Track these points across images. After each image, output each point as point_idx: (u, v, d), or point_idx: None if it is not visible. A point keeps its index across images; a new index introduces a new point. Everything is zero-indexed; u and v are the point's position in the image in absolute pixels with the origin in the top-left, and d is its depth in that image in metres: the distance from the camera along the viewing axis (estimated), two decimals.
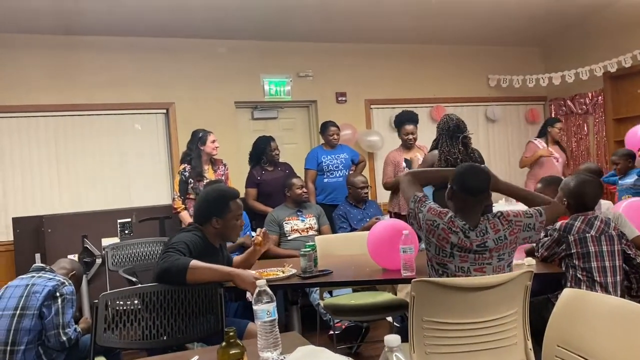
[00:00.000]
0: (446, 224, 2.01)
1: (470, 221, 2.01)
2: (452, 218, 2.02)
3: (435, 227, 2.02)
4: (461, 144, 3.25)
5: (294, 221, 3.80)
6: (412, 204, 2.11)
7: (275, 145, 4.27)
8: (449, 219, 2.02)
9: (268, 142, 4.23)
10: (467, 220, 2.01)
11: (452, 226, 2.00)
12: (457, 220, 2.02)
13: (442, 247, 2.00)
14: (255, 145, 4.29)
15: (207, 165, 4.06)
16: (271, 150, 4.23)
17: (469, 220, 2.01)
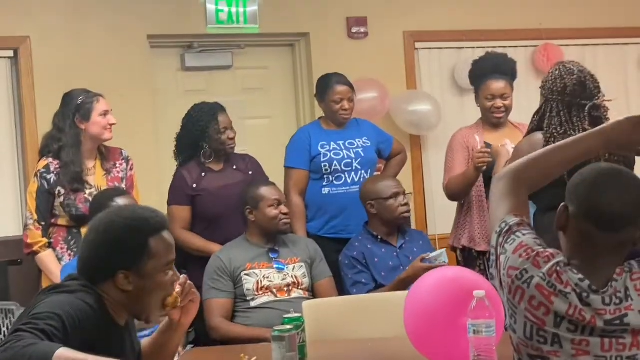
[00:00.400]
0: (546, 276, 2.01)
1: (596, 276, 2.01)
2: (558, 267, 2.02)
3: (523, 283, 2.02)
4: (588, 120, 3.27)
5: (264, 270, 3.84)
6: (495, 237, 2.14)
7: (227, 122, 4.31)
8: (553, 268, 2.02)
9: (213, 116, 4.27)
10: (589, 274, 2.01)
11: (558, 282, 2.01)
12: (568, 271, 2.02)
13: (538, 323, 2.01)
14: (189, 122, 4.33)
15: (93, 159, 4.09)
16: (219, 131, 4.26)
17: (592, 274, 2.01)
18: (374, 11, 5.68)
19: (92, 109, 4.00)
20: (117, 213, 2.32)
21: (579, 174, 2.08)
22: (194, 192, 4.23)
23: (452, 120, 5.57)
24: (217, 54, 5.52)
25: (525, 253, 2.05)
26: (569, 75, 3.32)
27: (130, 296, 2.25)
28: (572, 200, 2.05)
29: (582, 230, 2.03)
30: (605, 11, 6.14)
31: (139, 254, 2.23)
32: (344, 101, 4.52)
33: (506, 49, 5.68)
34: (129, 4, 5.21)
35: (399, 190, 4.06)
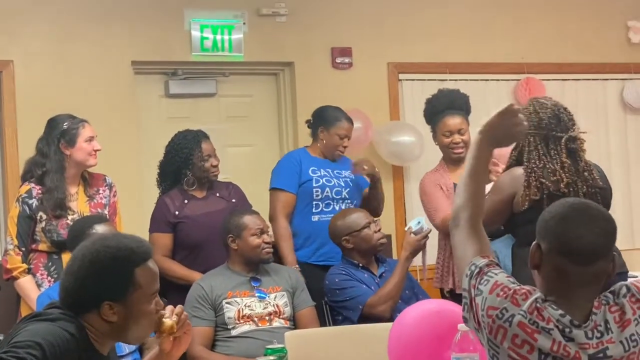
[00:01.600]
0: (527, 314, 2.01)
1: (575, 310, 2.02)
2: (537, 303, 2.03)
3: (505, 322, 2.01)
4: (565, 152, 3.30)
5: (245, 299, 3.82)
6: (466, 280, 2.13)
7: (210, 149, 4.31)
8: (533, 305, 2.02)
9: (196, 143, 4.26)
10: (569, 309, 2.01)
11: (539, 318, 2.00)
12: (548, 307, 2.02)
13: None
14: (172, 149, 4.32)
15: (76, 185, 4.07)
16: (202, 159, 4.26)
17: (571, 309, 2.02)
18: (359, 42, 5.72)
19: (78, 135, 3.99)
20: (103, 243, 2.28)
21: (548, 211, 2.10)
22: (176, 219, 4.22)
23: (435, 152, 5.52)
24: (202, 81, 5.52)
25: (502, 292, 2.05)
26: (543, 109, 3.34)
27: (114, 326, 2.22)
28: (543, 237, 2.06)
29: (556, 265, 2.04)
30: (586, 47, 6.22)
31: (125, 285, 2.21)
32: (345, 138, 4.57)
33: (488, 82, 5.76)
34: (113, 30, 5.21)
35: (369, 219, 4.07)
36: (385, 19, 5.79)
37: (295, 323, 3.87)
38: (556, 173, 3.23)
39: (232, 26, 5.45)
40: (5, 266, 3.96)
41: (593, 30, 6.25)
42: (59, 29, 5.11)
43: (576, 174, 3.26)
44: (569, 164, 3.26)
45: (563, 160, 3.25)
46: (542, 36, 6.12)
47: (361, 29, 5.73)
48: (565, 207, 2.07)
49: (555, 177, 3.23)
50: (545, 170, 3.24)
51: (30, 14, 5.05)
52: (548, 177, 3.23)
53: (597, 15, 6.29)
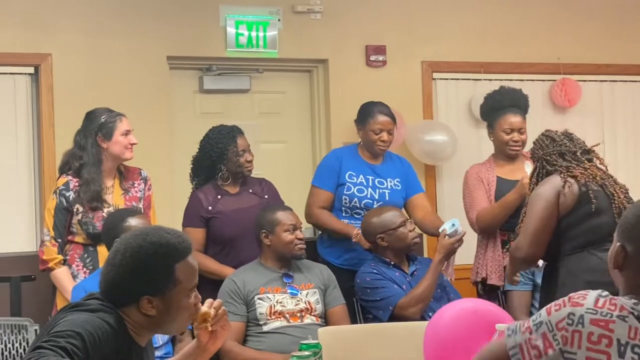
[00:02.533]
0: (595, 309, 2.01)
1: None
2: (603, 296, 2.04)
3: (578, 325, 2.00)
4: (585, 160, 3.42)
5: (277, 295, 3.84)
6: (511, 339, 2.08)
7: (245, 145, 4.33)
8: (598, 299, 2.03)
9: (232, 138, 4.28)
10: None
11: (611, 308, 2.01)
12: (621, 298, 2.04)
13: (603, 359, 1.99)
14: (207, 144, 4.35)
15: (112, 178, 4.11)
16: (237, 154, 4.28)
17: None
18: (393, 40, 5.70)
19: (115, 128, 4.03)
20: (144, 237, 2.28)
21: (633, 214, 2.09)
22: (209, 214, 4.24)
23: (468, 152, 5.58)
24: (236, 77, 5.53)
25: (556, 306, 2.05)
26: (553, 133, 3.48)
27: (153, 320, 2.24)
28: (629, 239, 2.06)
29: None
30: (623, 48, 6.16)
31: (165, 280, 2.22)
32: (383, 132, 4.51)
33: (523, 82, 5.72)
34: (149, 25, 5.24)
35: (404, 217, 4.09)
36: (420, 17, 5.77)
37: (327, 320, 3.88)
38: (587, 170, 3.33)
39: (267, 22, 5.45)
40: (42, 257, 4.00)
41: (630, 31, 6.19)
42: (96, 23, 5.15)
43: (603, 173, 3.37)
44: (598, 170, 3.36)
45: (586, 165, 3.36)
46: (579, 36, 6.07)
47: (395, 27, 5.71)
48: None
49: (588, 171, 3.32)
50: (577, 170, 3.33)
51: (67, 8, 5.09)
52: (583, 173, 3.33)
53: (635, 16, 6.23)
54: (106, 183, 4.06)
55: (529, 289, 3.97)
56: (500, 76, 5.75)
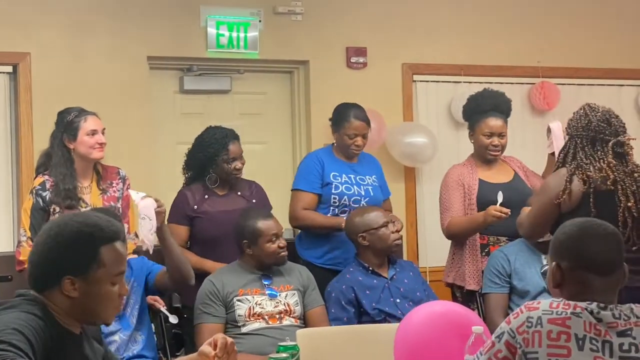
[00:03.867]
0: (551, 310, 2.14)
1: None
2: (557, 300, 2.16)
3: (537, 325, 2.12)
4: (612, 154, 3.29)
5: (256, 297, 3.82)
6: None
7: (236, 152, 4.29)
8: (553, 302, 2.16)
9: (224, 144, 4.25)
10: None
11: (566, 307, 2.14)
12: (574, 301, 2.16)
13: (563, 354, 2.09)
14: (200, 144, 4.32)
15: (89, 178, 4.07)
16: (227, 161, 4.25)
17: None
18: (374, 42, 5.71)
19: (79, 128, 3.98)
20: (72, 217, 2.27)
21: (562, 233, 2.26)
22: (195, 213, 4.23)
23: (448, 154, 5.59)
24: (216, 77, 5.52)
25: (514, 315, 2.17)
26: (593, 112, 3.38)
27: (75, 303, 2.20)
28: (563, 257, 2.22)
29: (580, 279, 2.20)
30: (602, 52, 6.19)
31: (88, 260, 2.19)
32: (357, 137, 4.50)
33: (503, 85, 5.73)
34: (130, 25, 5.21)
35: (388, 218, 4.06)
36: (401, 20, 5.77)
37: (306, 322, 3.87)
38: (602, 170, 3.26)
39: (248, 23, 5.44)
40: (18, 258, 3.95)
41: (609, 36, 6.22)
42: (75, 22, 5.11)
43: (624, 174, 3.28)
44: (615, 163, 3.27)
45: (609, 160, 3.28)
46: (558, 40, 6.10)
47: (376, 29, 5.72)
48: (577, 226, 2.25)
49: (602, 173, 3.24)
50: (592, 167, 3.27)
51: (46, 6, 5.05)
52: (595, 172, 3.26)
53: (614, 21, 6.26)
54: (82, 183, 4.02)
55: (505, 291, 3.97)
56: (480, 79, 5.77)
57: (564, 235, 2.24)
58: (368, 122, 4.57)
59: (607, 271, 2.18)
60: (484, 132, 4.38)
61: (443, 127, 5.84)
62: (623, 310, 2.15)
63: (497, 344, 2.16)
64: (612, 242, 2.22)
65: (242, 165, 4.30)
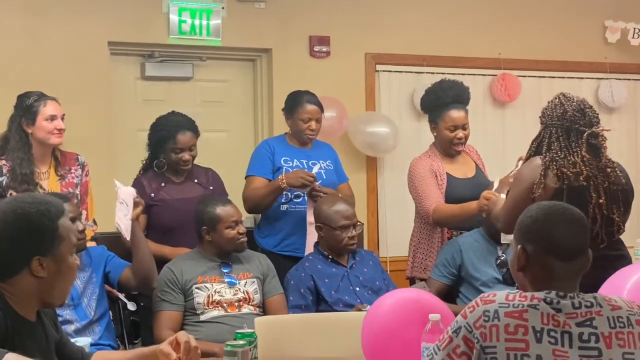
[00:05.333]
0: (508, 303, 2.12)
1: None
2: (513, 292, 2.15)
3: (494, 319, 2.09)
4: (586, 147, 3.26)
5: (215, 285, 3.80)
6: None
7: (185, 142, 4.20)
8: (508, 295, 2.14)
9: (173, 133, 4.19)
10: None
11: (523, 299, 2.12)
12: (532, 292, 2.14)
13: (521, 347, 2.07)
14: (153, 127, 4.28)
15: (47, 164, 4.01)
16: (173, 149, 4.20)
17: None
18: (337, 31, 5.70)
19: (38, 113, 3.91)
20: (22, 200, 2.26)
21: (528, 216, 2.24)
22: (151, 201, 4.18)
23: (409, 144, 5.60)
24: (178, 64, 5.49)
25: (469, 308, 2.15)
26: (569, 102, 3.31)
27: (44, 283, 2.20)
28: (528, 240, 2.20)
29: (543, 264, 2.18)
30: (563, 45, 6.26)
31: (52, 237, 2.20)
32: (311, 121, 4.46)
33: (465, 76, 5.75)
34: (90, 9, 5.15)
35: (349, 222, 3.98)
36: (364, 10, 5.78)
37: (265, 310, 3.85)
38: (576, 165, 3.21)
39: (211, 10, 5.41)
40: None
41: (570, 29, 6.29)
42: (34, 4, 5.05)
43: (597, 169, 3.23)
44: (588, 158, 3.23)
45: (583, 154, 3.23)
46: (520, 32, 6.14)
47: (340, 19, 5.72)
48: (544, 210, 2.23)
49: (575, 169, 3.20)
50: (566, 162, 3.22)
51: None
52: (569, 167, 3.21)
53: (575, 14, 6.33)
54: (40, 168, 3.96)
55: (447, 282, 4.01)
56: (442, 70, 5.79)
57: (530, 218, 2.22)
58: (321, 107, 4.53)
59: (571, 256, 2.17)
60: (447, 126, 4.31)
61: (405, 117, 5.87)
62: (585, 298, 2.13)
63: (454, 339, 2.13)
64: (577, 227, 2.20)
65: (191, 158, 4.23)
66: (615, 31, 6.38)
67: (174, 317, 3.70)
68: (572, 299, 2.11)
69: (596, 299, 2.14)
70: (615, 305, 2.14)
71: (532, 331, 2.08)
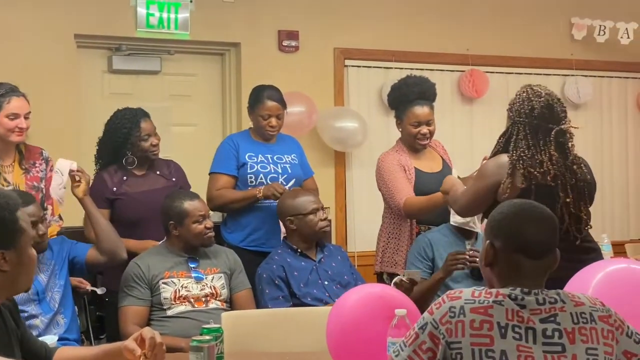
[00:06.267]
0: (473, 299, 2.13)
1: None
2: (479, 289, 2.16)
3: (459, 315, 2.11)
4: (554, 145, 3.25)
5: (182, 280, 3.77)
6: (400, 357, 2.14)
7: (149, 128, 4.21)
8: (474, 291, 2.15)
9: (135, 123, 4.17)
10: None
11: (488, 296, 2.13)
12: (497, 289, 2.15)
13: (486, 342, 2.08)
14: (111, 128, 4.23)
15: (10, 157, 3.94)
16: (141, 137, 4.17)
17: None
18: (306, 26, 5.70)
19: (1, 109, 3.81)
20: None
21: (499, 212, 2.25)
22: (114, 195, 4.15)
23: (378, 139, 5.61)
24: (146, 58, 5.46)
25: (436, 305, 2.16)
26: (536, 97, 3.28)
27: (7, 276, 2.20)
28: (496, 236, 2.21)
29: (511, 261, 2.19)
30: (530, 42, 6.31)
31: (13, 230, 2.20)
32: (271, 118, 4.43)
33: (433, 72, 5.78)
34: (57, 1, 5.11)
35: (318, 205, 4.03)
36: (333, 5, 5.79)
37: (232, 305, 3.84)
38: (543, 164, 3.20)
39: (179, 4, 5.39)
40: None
41: (537, 25, 6.34)
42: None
43: (564, 167, 3.24)
44: (557, 156, 3.23)
45: (551, 152, 3.23)
46: (488, 28, 6.18)
47: (309, 13, 5.71)
48: (515, 207, 2.24)
49: (542, 168, 3.20)
50: (533, 160, 3.21)
51: None
52: (535, 167, 3.20)
53: (542, 11, 6.38)
54: (4, 162, 3.90)
55: (427, 275, 3.99)
56: (411, 65, 5.82)
57: (500, 214, 2.23)
58: (283, 103, 4.50)
59: (539, 254, 2.17)
60: (411, 122, 4.31)
61: (374, 113, 5.88)
62: (549, 294, 2.14)
63: (420, 336, 2.14)
64: (546, 226, 2.21)
65: (158, 142, 4.22)
66: (582, 28, 6.43)
67: (140, 312, 3.67)
68: (536, 295, 2.12)
69: (560, 295, 2.15)
70: (578, 301, 2.16)
71: (496, 327, 2.09)
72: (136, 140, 4.15)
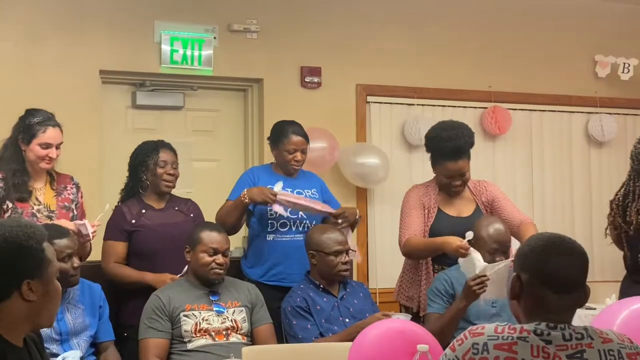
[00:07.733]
0: (497, 335, 2.09)
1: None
2: (502, 324, 2.12)
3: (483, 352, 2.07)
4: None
5: (203, 312, 3.78)
6: None
7: (168, 158, 4.22)
8: (497, 327, 2.11)
9: (155, 150, 4.20)
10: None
11: (512, 332, 2.09)
12: (522, 325, 2.11)
13: None
14: (132, 155, 4.29)
15: (42, 180, 4.00)
16: (157, 163, 4.20)
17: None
18: (329, 62, 5.74)
19: (35, 137, 3.92)
20: (8, 224, 2.26)
21: (526, 245, 2.22)
22: (132, 227, 4.16)
23: (400, 175, 5.62)
24: (169, 94, 5.51)
25: (458, 341, 2.14)
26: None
27: (33, 307, 2.20)
28: (523, 269, 2.18)
29: (538, 295, 2.15)
30: (553, 79, 6.31)
31: (39, 260, 2.21)
32: (297, 152, 4.44)
33: (455, 108, 5.80)
34: (82, 37, 5.18)
35: (342, 248, 4.00)
36: (356, 41, 5.82)
37: (253, 339, 3.83)
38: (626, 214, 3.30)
39: (203, 40, 5.44)
40: None
41: (561, 63, 6.34)
42: (28, 32, 5.08)
43: None
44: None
45: None
46: (511, 66, 6.19)
47: (331, 50, 5.75)
48: (543, 240, 2.20)
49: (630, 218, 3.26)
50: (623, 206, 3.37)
51: (0, 16, 5.00)
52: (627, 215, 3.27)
53: (565, 48, 6.39)
54: (36, 184, 3.97)
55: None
56: (433, 102, 5.84)
57: (528, 247, 2.21)
58: (307, 137, 4.51)
59: (565, 289, 2.13)
60: (444, 174, 4.21)
61: (396, 149, 5.88)
62: (576, 330, 2.11)
63: None
64: (574, 260, 2.17)
65: (175, 174, 4.21)
66: (605, 66, 6.44)
67: (161, 344, 3.67)
68: (562, 330, 2.09)
69: (587, 330, 2.11)
70: (606, 337, 2.12)
71: None
72: (152, 165, 4.17)
